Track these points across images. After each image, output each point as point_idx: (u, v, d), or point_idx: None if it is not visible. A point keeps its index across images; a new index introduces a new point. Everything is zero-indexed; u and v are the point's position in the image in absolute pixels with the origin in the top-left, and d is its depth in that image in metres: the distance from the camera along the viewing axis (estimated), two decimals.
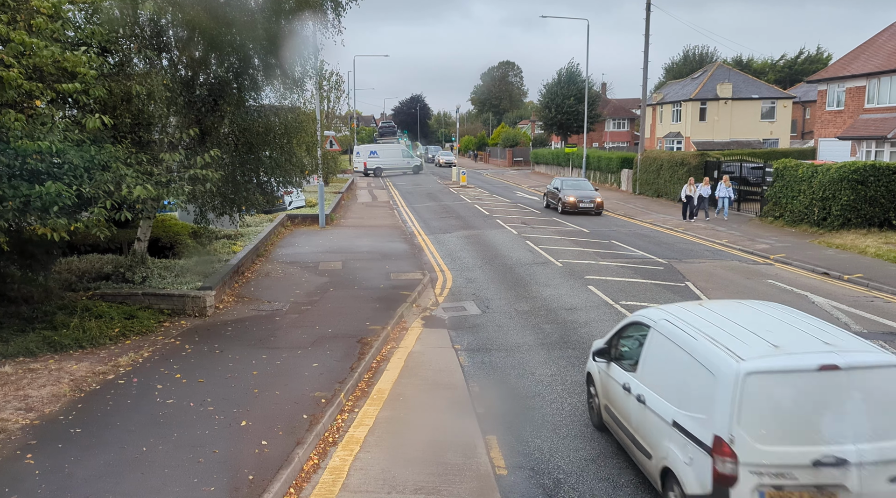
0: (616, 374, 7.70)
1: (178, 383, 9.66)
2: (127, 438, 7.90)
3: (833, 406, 5.60)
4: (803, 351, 5.94)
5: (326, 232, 25.19)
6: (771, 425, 5.59)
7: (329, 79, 56.26)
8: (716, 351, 6.03)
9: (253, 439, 7.91)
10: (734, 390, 5.62)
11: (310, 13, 14.89)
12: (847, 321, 13.03)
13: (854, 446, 5.50)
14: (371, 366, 10.91)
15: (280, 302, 14.51)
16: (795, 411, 5.62)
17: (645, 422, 6.83)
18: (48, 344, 10.96)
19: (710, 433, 5.71)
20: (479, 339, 12.37)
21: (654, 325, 7.15)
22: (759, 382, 5.63)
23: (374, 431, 8.56)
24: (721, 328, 6.46)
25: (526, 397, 9.62)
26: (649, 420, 6.72)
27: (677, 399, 6.34)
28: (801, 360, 5.77)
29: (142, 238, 15.12)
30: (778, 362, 5.77)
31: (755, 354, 5.83)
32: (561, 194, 30.87)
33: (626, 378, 7.38)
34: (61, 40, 10.54)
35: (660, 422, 6.49)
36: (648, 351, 7.13)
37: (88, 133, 10.43)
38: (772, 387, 5.66)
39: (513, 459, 7.83)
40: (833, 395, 5.63)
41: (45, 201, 9.46)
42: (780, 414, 5.62)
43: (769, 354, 5.87)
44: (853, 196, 21.86)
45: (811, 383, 5.65)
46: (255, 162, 15.80)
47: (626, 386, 7.33)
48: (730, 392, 5.64)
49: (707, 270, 17.79)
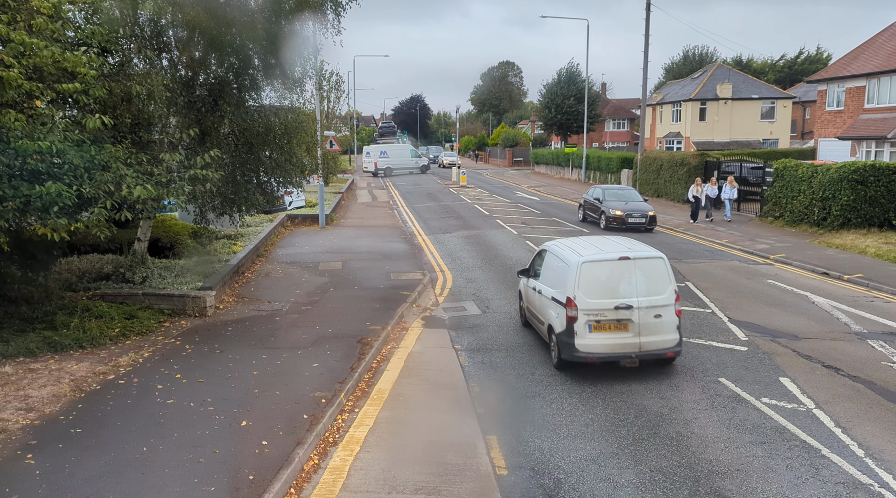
0: (531, 283, 12.12)
1: (178, 383, 9.66)
2: (127, 438, 7.90)
3: (625, 278, 10.11)
4: (613, 252, 10.50)
5: (326, 232, 25.19)
6: (594, 289, 10.07)
7: (329, 79, 56.43)
8: (570, 254, 10.63)
9: (253, 439, 7.91)
10: (577, 272, 10.12)
11: (309, 13, 14.90)
12: (847, 321, 13.03)
13: (636, 299, 10.00)
14: (371, 366, 10.91)
15: (280, 302, 14.51)
16: (606, 281, 10.13)
17: (541, 304, 11.33)
18: (48, 344, 10.97)
19: (564, 296, 10.23)
20: (479, 339, 12.37)
21: (548, 248, 11.75)
22: (588, 267, 10.16)
23: (375, 431, 8.56)
24: (577, 246, 11.08)
25: (526, 397, 9.62)
26: (543, 301, 11.23)
27: (553, 285, 10.88)
28: (610, 255, 10.39)
29: (142, 238, 15.12)
30: (598, 256, 10.38)
31: (588, 254, 10.42)
32: (604, 206, 25.58)
33: (535, 283, 11.83)
34: (61, 40, 10.55)
35: (547, 300, 11.02)
36: (544, 264, 11.64)
37: (89, 133, 10.43)
38: (595, 269, 10.19)
39: (513, 458, 7.83)
40: (626, 272, 10.13)
41: (45, 201, 9.47)
42: (599, 283, 10.11)
43: (595, 253, 10.47)
44: (853, 196, 21.86)
45: (615, 267, 10.22)
46: (255, 162, 15.81)
47: (534, 288, 11.80)
48: (574, 273, 10.14)
49: (707, 271, 17.79)
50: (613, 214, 24.89)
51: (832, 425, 8.48)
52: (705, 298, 14.75)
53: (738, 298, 14.86)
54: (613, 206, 25.24)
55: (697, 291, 15.46)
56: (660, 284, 10.15)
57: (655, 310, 10.01)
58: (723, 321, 13.07)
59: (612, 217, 24.89)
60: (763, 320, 13.11)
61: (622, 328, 10.00)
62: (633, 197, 26.50)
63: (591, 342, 10.00)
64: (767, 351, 11.30)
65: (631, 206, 25.19)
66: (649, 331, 9.98)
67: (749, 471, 7.43)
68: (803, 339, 11.99)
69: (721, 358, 11.00)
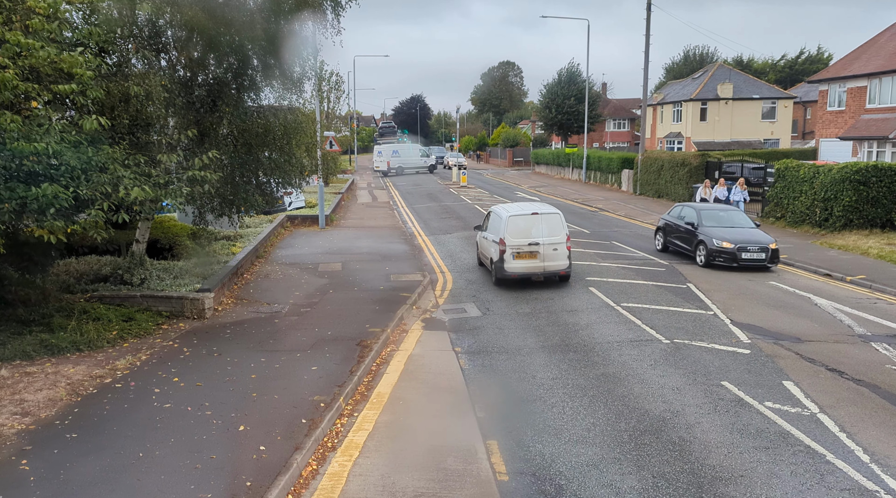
0: (481, 234, 17.74)
1: (175, 387, 9.57)
2: (123, 444, 7.81)
3: (535, 226, 15.60)
4: (528, 210, 16.12)
5: (326, 233, 25.10)
6: (516, 233, 15.46)
7: (329, 79, 56.37)
8: (503, 212, 16.07)
9: (251, 444, 7.82)
10: (506, 223, 15.52)
11: (308, 13, 14.80)
12: (850, 323, 12.94)
13: (541, 238, 15.48)
14: (371, 369, 10.82)
15: (279, 304, 14.42)
16: (524, 228, 15.56)
17: (487, 245, 16.80)
18: (45, 347, 10.87)
19: (499, 238, 15.61)
20: (479, 341, 12.28)
21: (492, 210, 17.14)
22: (513, 219, 15.59)
23: (374, 436, 8.47)
24: (508, 207, 16.90)
25: (527, 401, 9.53)
26: (489, 244, 16.59)
27: (493, 233, 16.22)
28: (526, 212, 15.98)
29: (140, 240, 15.02)
30: (519, 212, 15.92)
31: (513, 211, 15.99)
32: (702, 234, 18.60)
33: (484, 234, 17.32)
34: (58, 41, 10.45)
35: (490, 242, 16.43)
36: (490, 220, 17.04)
37: (86, 134, 10.33)
38: (517, 220, 15.60)
39: (514, 464, 7.74)
40: (536, 223, 15.67)
41: (41, 203, 9.38)
42: (519, 229, 15.53)
43: (518, 211, 16.04)
44: (855, 197, 21.77)
45: (529, 219, 15.72)
46: (254, 163, 15.71)
47: (484, 236, 17.24)
48: (504, 223, 15.53)
49: (708, 272, 17.67)
50: (719, 246, 17.95)
51: (837, 430, 8.38)
52: (707, 300, 14.65)
53: (740, 299, 14.76)
54: (718, 236, 18.19)
55: (699, 292, 15.37)
56: (557, 230, 15.83)
57: (553, 245, 15.75)
58: (725, 324, 12.98)
59: (718, 250, 17.97)
60: (766, 323, 13.01)
61: (533, 257, 15.72)
62: (740, 220, 19.33)
63: (514, 266, 15.79)
64: (770, 354, 11.20)
65: (742, 235, 18.23)
66: (550, 258, 15.76)
67: (753, 477, 7.33)
68: (806, 341, 11.89)
69: (724, 361, 10.90)
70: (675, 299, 14.76)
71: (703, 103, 52.46)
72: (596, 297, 15.06)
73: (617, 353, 11.41)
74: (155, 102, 12.02)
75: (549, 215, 15.92)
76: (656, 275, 17.29)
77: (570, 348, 11.72)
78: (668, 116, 56.58)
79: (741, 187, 25.03)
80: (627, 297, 15.01)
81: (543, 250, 15.57)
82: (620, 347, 11.68)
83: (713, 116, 52.32)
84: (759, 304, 14.41)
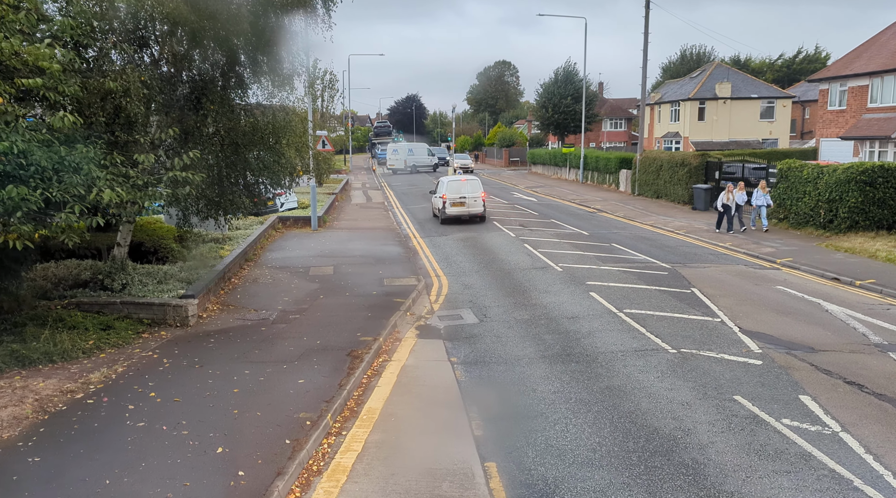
0: (434, 196, 29.42)
1: (151, 403, 8.93)
2: (90, 469, 7.17)
3: (463, 186, 27.66)
4: (458, 177, 29.67)
5: (319, 235, 24.46)
6: (451, 191, 27.34)
7: (323, 77, 55.54)
8: (445, 179, 28.50)
9: (228, 470, 7.19)
10: (445, 185, 27.80)
11: (298, 7, 14.19)
12: (865, 331, 12.35)
13: (467, 194, 27.14)
14: (361, 382, 10.20)
15: (267, 310, 13.79)
16: (456, 188, 27.60)
17: (437, 201, 28.37)
18: (16, 358, 10.22)
19: (441, 194, 27.53)
20: (476, 350, 11.67)
21: (441, 179, 28.91)
22: (448, 182, 28.02)
23: (363, 458, 7.85)
24: (448, 176, 31.03)
25: (527, 417, 8.91)
26: (437, 199, 28.27)
27: (438, 193, 28.27)
28: (458, 178, 29.07)
29: (122, 243, 14.38)
30: (453, 178, 28.91)
31: (450, 178, 28.70)
32: None
33: (437, 196, 28.46)
34: (28, 32, 9.79)
35: (437, 198, 28.29)
36: (439, 185, 28.76)
37: (59, 133, 9.68)
38: (451, 182, 27.99)
39: (514, 490, 7.12)
40: (463, 184, 27.86)
41: (6, 206, 8.72)
42: (453, 188, 27.59)
43: (452, 178, 29.08)
44: (861, 198, 21.22)
45: (458, 181, 28.26)
46: (241, 163, 15.10)
47: (434, 196, 29.33)
48: (445, 186, 27.71)
49: (713, 276, 17.10)
50: None
51: (862, 452, 7.78)
52: (713, 306, 14.05)
53: (748, 305, 14.18)
54: None
55: (704, 298, 14.76)
56: (476, 187, 27.14)
57: (473, 197, 26.65)
58: (733, 331, 12.39)
59: None
60: (776, 330, 12.43)
61: (462, 205, 26.50)
62: None
63: (451, 211, 26.60)
64: (784, 365, 10.61)
65: None
66: (472, 206, 26.56)
67: None
68: (820, 351, 11.31)
69: (735, 373, 10.30)
70: (680, 305, 14.17)
71: (701, 103, 51.92)
72: (597, 302, 14.45)
73: (621, 363, 10.81)
74: (133, 99, 11.37)
75: (472, 180, 27.91)
76: (659, 279, 16.70)
77: (571, 358, 11.12)
78: (666, 116, 56.03)
79: (763, 191, 23.79)
80: (630, 302, 14.41)
81: (468, 201, 26.65)
82: (625, 357, 11.08)
83: (711, 116, 51.79)
84: (767, 310, 13.82)
